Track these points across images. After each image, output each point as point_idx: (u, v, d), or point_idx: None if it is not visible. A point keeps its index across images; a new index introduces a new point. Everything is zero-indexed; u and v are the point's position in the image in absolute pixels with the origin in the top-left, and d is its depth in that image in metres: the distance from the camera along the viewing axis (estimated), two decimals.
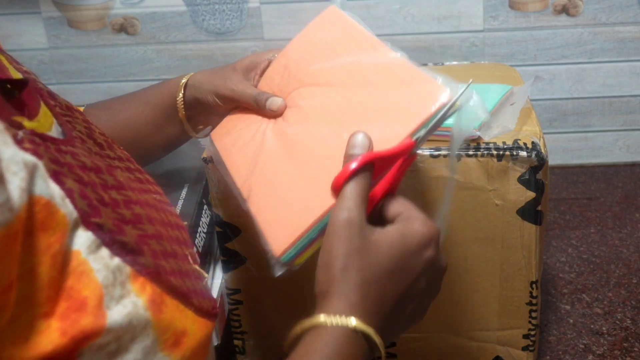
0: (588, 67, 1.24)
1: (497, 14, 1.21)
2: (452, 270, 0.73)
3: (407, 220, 0.50)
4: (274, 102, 0.67)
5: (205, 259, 0.78)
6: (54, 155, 0.40)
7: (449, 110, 0.52)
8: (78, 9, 1.22)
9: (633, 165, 1.29)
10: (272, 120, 0.67)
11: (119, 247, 0.41)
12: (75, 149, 0.44)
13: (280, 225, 0.56)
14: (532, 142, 0.67)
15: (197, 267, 0.51)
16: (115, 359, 0.40)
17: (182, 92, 0.73)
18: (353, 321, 0.44)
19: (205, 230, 0.78)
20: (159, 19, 1.23)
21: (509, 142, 0.67)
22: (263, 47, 1.24)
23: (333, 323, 0.44)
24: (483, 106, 0.61)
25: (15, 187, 0.34)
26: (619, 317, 0.87)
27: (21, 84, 0.45)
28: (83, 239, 0.39)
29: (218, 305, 0.75)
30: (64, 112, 0.50)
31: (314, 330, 0.45)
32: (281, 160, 0.61)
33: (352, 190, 0.49)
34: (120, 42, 1.24)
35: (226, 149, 0.68)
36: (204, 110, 0.73)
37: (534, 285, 0.72)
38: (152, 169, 0.86)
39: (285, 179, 0.59)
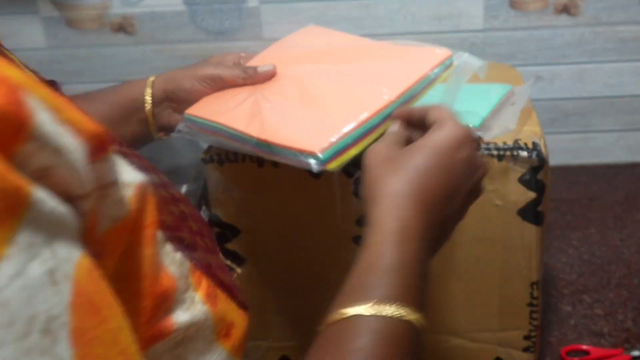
0: (589, 67, 1.23)
1: (497, 13, 1.20)
2: (452, 271, 0.72)
3: (438, 127, 0.51)
4: (265, 66, 0.67)
5: None
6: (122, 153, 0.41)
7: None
8: (76, 9, 1.22)
9: (634, 165, 1.28)
10: (261, 88, 0.68)
11: (178, 242, 0.42)
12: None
13: (317, 133, 0.59)
14: (533, 142, 0.67)
15: (228, 262, 0.52)
16: (181, 348, 0.41)
17: (150, 88, 0.72)
18: (398, 313, 0.43)
19: None
20: (157, 18, 1.23)
21: (510, 142, 0.67)
22: (262, 47, 1.24)
23: (378, 314, 0.42)
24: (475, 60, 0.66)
25: (126, 178, 0.35)
26: (620, 318, 0.86)
27: (52, 86, 0.45)
28: (158, 235, 0.39)
29: None
30: None
31: (360, 318, 0.43)
32: (293, 97, 0.65)
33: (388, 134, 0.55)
34: (118, 41, 1.24)
35: (215, 113, 0.68)
36: (171, 105, 0.72)
37: (534, 286, 0.72)
38: None
39: (305, 105, 0.63)
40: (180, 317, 0.40)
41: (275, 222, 0.73)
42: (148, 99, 0.72)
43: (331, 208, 0.71)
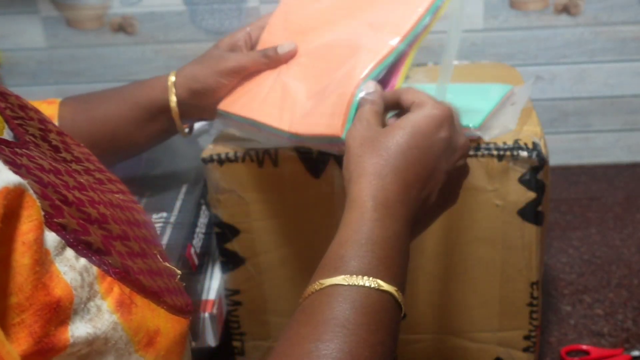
0: (589, 67, 1.23)
1: (497, 13, 1.20)
2: (452, 271, 0.72)
3: (417, 107, 0.52)
4: (285, 46, 0.66)
5: (203, 260, 0.78)
6: (9, 157, 0.39)
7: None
8: (76, 9, 1.22)
9: (634, 165, 1.28)
10: (283, 67, 0.69)
11: (84, 247, 0.40)
12: (30, 152, 0.42)
13: (330, 116, 0.60)
14: (533, 142, 0.67)
15: (167, 264, 0.49)
16: (89, 358, 0.39)
17: (174, 90, 0.71)
18: (375, 283, 0.44)
19: (203, 231, 0.78)
20: (157, 18, 1.23)
21: (510, 142, 0.67)
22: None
23: (355, 284, 0.43)
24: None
25: None
26: (620, 318, 0.86)
27: None
28: (50, 239, 0.37)
29: (217, 305, 0.75)
30: (16, 114, 0.48)
31: (337, 288, 0.43)
32: (307, 79, 0.67)
33: (363, 112, 0.55)
34: (118, 41, 1.24)
35: (246, 107, 0.69)
36: (199, 102, 0.71)
37: (534, 286, 0.72)
38: (150, 169, 0.86)
39: (316, 89, 0.64)
40: (80, 329, 0.38)
41: (275, 222, 0.73)
42: (173, 103, 0.71)
43: (331, 208, 0.71)
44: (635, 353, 0.79)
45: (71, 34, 1.24)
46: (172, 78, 0.71)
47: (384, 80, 0.62)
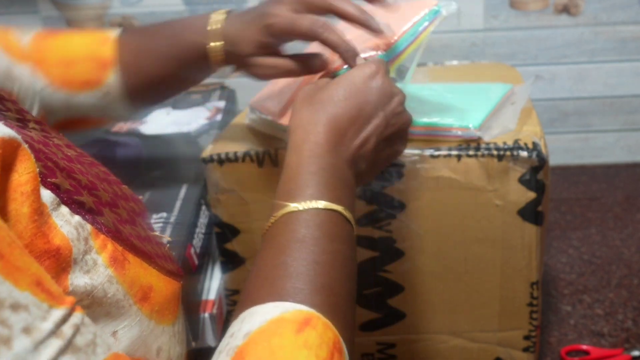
0: (589, 67, 1.23)
1: (497, 13, 1.20)
2: (452, 271, 0.72)
3: (353, 69, 0.57)
4: (322, 56, 0.64)
5: (203, 260, 0.78)
6: (2, 119, 0.40)
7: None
8: (76, 9, 1.22)
9: (634, 165, 1.28)
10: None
11: (77, 206, 0.41)
12: (14, 128, 0.44)
13: None
14: (533, 142, 0.67)
15: (156, 233, 0.51)
16: (91, 309, 0.40)
17: (213, 43, 0.66)
18: (322, 204, 0.48)
19: (203, 231, 0.78)
20: (157, 18, 1.22)
21: (510, 142, 0.67)
22: None
23: (306, 207, 0.48)
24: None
25: None
26: (620, 318, 0.86)
27: None
28: (45, 195, 0.39)
29: (217, 306, 0.75)
30: None
31: (291, 215, 0.48)
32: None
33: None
34: None
35: (272, 110, 0.71)
36: (234, 52, 0.67)
37: (534, 286, 0.72)
38: (150, 169, 0.86)
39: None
40: (79, 279, 0.39)
41: None
42: (211, 55, 0.67)
43: None
44: (635, 353, 0.79)
45: None
46: (211, 32, 0.67)
47: None
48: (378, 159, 0.57)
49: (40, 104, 0.70)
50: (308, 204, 0.48)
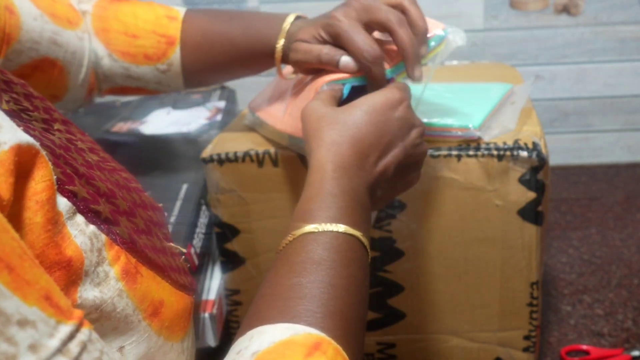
0: (589, 67, 1.23)
1: (497, 13, 1.20)
2: (452, 271, 0.72)
3: (374, 94, 0.56)
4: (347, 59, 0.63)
5: (203, 260, 0.78)
6: (22, 125, 0.39)
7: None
8: None
9: (634, 165, 1.28)
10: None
11: (93, 215, 0.41)
12: (36, 131, 0.43)
13: (296, 118, 0.62)
14: (533, 142, 0.67)
15: (172, 244, 0.51)
16: (99, 323, 0.40)
17: (283, 39, 0.68)
18: (341, 228, 0.48)
19: (203, 231, 0.78)
20: None
21: (510, 142, 0.67)
22: None
23: (325, 230, 0.48)
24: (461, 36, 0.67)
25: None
26: (620, 318, 0.86)
27: None
28: (62, 203, 0.38)
29: (217, 306, 0.75)
30: (20, 105, 0.48)
31: (309, 235, 0.48)
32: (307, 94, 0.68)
33: (319, 94, 0.59)
34: None
35: (272, 116, 0.72)
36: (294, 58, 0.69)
37: (534, 286, 0.72)
38: (150, 169, 0.85)
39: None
40: (88, 292, 0.39)
41: (275, 222, 0.73)
42: (279, 53, 0.69)
43: None
44: (635, 353, 0.79)
45: None
46: (281, 42, 0.68)
47: None
48: (393, 187, 0.57)
49: (97, 70, 0.72)
50: (327, 227, 0.48)
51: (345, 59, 0.62)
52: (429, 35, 0.64)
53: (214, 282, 0.78)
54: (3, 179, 0.33)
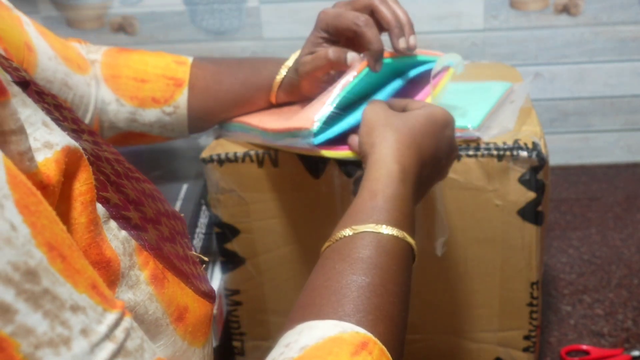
0: (589, 67, 1.23)
1: (497, 13, 1.20)
2: (452, 271, 0.72)
3: (430, 106, 0.59)
4: (354, 56, 0.66)
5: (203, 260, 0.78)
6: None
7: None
8: (76, 9, 1.22)
9: (634, 165, 1.28)
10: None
11: (124, 221, 0.42)
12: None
13: (307, 113, 0.64)
14: (533, 142, 0.67)
15: (194, 252, 0.52)
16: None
17: (279, 84, 0.72)
18: (400, 233, 0.49)
19: (203, 231, 0.78)
20: (157, 18, 1.23)
21: (510, 142, 0.67)
22: (262, 47, 1.24)
23: (386, 232, 0.49)
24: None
25: (41, 136, 0.35)
26: (620, 318, 0.86)
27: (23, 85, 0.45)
28: (98, 208, 0.40)
29: (217, 306, 0.75)
30: (51, 115, 0.50)
31: (370, 234, 0.48)
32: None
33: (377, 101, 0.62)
34: (118, 41, 1.24)
35: (249, 117, 0.73)
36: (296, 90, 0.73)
37: (534, 286, 0.72)
38: (150, 168, 0.85)
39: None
40: (124, 294, 0.40)
41: (275, 222, 0.73)
42: (276, 87, 0.73)
43: (331, 208, 0.71)
44: (635, 353, 0.79)
45: (71, 34, 1.24)
46: (282, 75, 0.72)
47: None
48: (427, 192, 0.60)
49: (102, 117, 0.73)
50: (391, 230, 0.49)
51: (352, 54, 0.64)
52: (426, 54, 0.68)
53: (214, 282, 0.78)
54: (57, 178, 0.34)
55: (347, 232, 0.49)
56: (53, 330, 0.28)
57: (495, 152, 0.67)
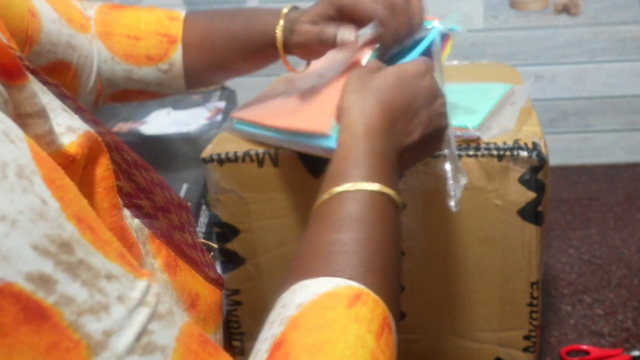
0: (589, 67, 1.23)
1: (497, 13, 1.20)
2: (452, 271, 0.72)
3: (405, 63, 0.59)
4: (345, 32, 0.66)
5: None
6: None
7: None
8: None
9: (634, 165, 1.28)
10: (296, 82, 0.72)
11: (136, 209, 0.43)
12: None
13: (318, 114, 0.63)
14: (533, 142, 0.67)
15: (203, 240, 0.52)
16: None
17: (282, 29, 0.70)
18: (376, 187, 0.50)
19: (203, 231, 0.78)
20: None
21: (510, 142, 0.67)
22: None
23: (361, 188, 0.49)
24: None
25: (63, 120, 0.36)
26: (620, 318, 0.86)
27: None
28: None
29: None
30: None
31: (346, 194, 0.49)
32: (308, 83, 0.71)
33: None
34: None
35: (254, 114, 0.72)
36: (297, 42, 0.71)
37: (534, 286, 0.72)
38: None
39: (315, 92, 0.67)
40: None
41: (275, 222, 0.73)
42: (279, 46, 0.71)
43: None
44: (635, 353, 0.79)
45: None
46: (280, 27, 0.70)
47: None
48: (418, 152, 0.60)
49: (100, 75, 0.73)
50: (363, 185, 0.49)
51: (342, 32, 0.65)
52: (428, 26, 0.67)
53: None
54: (80, 159, 0.35)
55: (324, 196, 0.50)
56: (92, 298, 0.29)
57: (495, 152, 0.67)
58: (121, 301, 0.31)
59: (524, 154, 0.66)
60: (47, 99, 0.37)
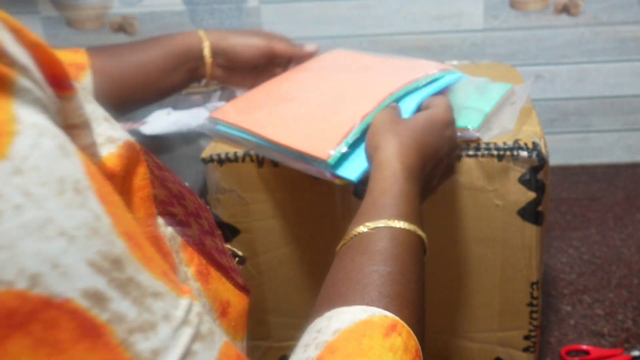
0: (589, 67, 1.23)
1: (497, 13, 1.20)
2: (452, 271, 0.72)
3: (433, 107, 0.62)
4: (310, 45, 0.76)
5: None
6: None
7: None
8: (76, 9, 1.22)
9: (634, 165, 1.28)
10: (287, 84, 0.74)
11: (170, 217, 0.43)
12: None
13: (319, 139, 0.63)
14: (533, 142, 0.67)
15: (229, 246, 0.52)
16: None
17: (207, 41, 0.76)
18: (412, 227, 0.51)
19: None
20: (157, 18, 1.23)
21: (510, 142, 0.67)
22: None
23: (402, 227, 0.51)
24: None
25: (104, 131, 0.36)
26: (620, 318, 0.86)
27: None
28: None
29: None
30: None
31: (385, 229, 0.51)
32: (305, 97, 0.71)
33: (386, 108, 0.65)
34: (118, 41, 1.23)
35: (238, 116, 0.72)
36: (216, 60, 0.78)
37: (534, 286, 0.72)
38: None
39: (313, 108, 0.68)
40: None
41: (275, 222, 0.73)
42: (207, 52, 0.77)
43: (331, 208, 0.71)
44: (635, 353, 0.79)
45: (71, 34, 1.24)
46: (202, 32, 0.77)
47: None
48: (430, 192, 0.62)
49: None
50: (402, 224, 0.51)
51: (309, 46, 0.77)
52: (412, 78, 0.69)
53: None
54: (119, 172, 0.36)
55: (362, 229, 0.50)
56: (141, 316, 0.29)
57: (495, 152, 0.67)
58: (166, 320, 0.30)
59: (524, 154, 0.66)
60: (90, 107, 0.36)
